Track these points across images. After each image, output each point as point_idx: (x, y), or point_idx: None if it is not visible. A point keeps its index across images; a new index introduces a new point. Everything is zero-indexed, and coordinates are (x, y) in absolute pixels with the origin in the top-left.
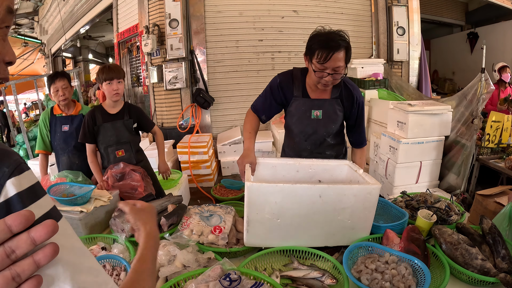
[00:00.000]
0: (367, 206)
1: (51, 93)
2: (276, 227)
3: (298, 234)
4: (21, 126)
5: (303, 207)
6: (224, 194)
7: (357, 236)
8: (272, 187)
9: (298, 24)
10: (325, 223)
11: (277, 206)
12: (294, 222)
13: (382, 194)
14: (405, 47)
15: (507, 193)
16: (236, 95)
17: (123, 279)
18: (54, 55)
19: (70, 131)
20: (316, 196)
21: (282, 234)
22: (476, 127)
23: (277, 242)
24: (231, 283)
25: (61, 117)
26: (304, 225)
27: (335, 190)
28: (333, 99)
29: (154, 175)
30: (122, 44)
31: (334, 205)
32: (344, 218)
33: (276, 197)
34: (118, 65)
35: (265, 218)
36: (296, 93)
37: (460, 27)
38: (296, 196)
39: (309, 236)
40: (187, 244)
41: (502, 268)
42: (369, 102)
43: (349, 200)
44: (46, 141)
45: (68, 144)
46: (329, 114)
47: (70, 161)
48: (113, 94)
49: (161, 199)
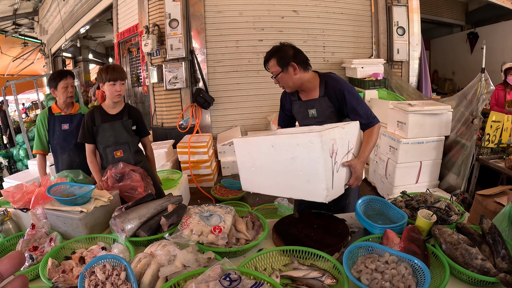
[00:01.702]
0: (312, 157)
1: (59, 89)
2: (253, 174)
3: (268, 181)
4: (21, 126)
5: (264, 157)
6: (224, 194)
7: (316, 192)
8: (243, 141)
9: (298, 24)
10: (283, 173)
11: (250, 156)
12: (262, 170)
13: (382, 194)
14: (405, 47)
15: (507, 193)
16: (236, 95)
17: (123, 279)
18: (54, 55)
19: (70, 130)
20: (269, 146)
21: (259, 181)
22: (476, 127)
23: (257, 187)
24: (231, 283)
25: (60, 116)
26: (269, 174)
27: (282, 139)
28: (321, 97)
29: (154, 176)
30: (122, 44)
31: (285, 155)
32: (296, 169)
33: (248, 149)
34: (120, 66)
35: (247, 167)
36: (293, 98)
37: (460, 27)
38: (257, 146)
39: (276, 185)
40: (187, 244)
41: (502, 268)
42: (369, 102)
43: (294, 150)
44: (44, 142)
45: (69, 142)
46: (322, 111)
47: (71, 159)
48: (115, 95)
49: (161, 199)
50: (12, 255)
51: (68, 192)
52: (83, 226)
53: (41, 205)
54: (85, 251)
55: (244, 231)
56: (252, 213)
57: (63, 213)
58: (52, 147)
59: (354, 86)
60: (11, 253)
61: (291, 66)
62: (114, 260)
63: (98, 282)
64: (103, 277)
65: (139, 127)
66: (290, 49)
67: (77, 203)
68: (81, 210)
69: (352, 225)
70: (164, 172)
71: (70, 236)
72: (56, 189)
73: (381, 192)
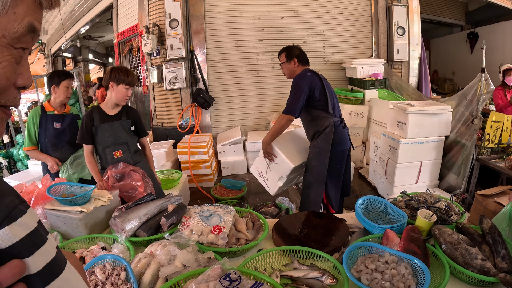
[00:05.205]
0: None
1: (61, 87)
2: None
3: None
4: (21, 126)
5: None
6: (224, 194)
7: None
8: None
9: (298, 24)
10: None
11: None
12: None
13: (382, 194)
14: (405, 47)
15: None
16: (236, 95)
17: (123, 279)
18: (54, 55)
19: (63, 128)
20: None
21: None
22: (476, 127)
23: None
24: (231, 283)
25: (53, 115)
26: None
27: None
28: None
29: (153, 176)
30: (122, 44)
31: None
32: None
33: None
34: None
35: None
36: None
37: (460, 27)
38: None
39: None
40: (187, 244)
41: (502, 268)
42: (369, 102)
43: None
44: (34, 139)
45: (61, 140)
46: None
47: (63, 156)
48: (125, 98)
49: (161, 199)
50: (12, 263)
51: (68, 192)
52: (83, 226)
53: (41, 205)
54: (85, 251)
55: (244, 231)
56: (252, 213)
57: (63, 213)
58: (42, 145)
59: (354, 86)
60: (12, 262)
61: (293, 60)
62: (114, 260)
63: (98, 282)
64: (103, 277)
65: (137, 127)
66: (296, 50)
67: (77, 203)
68: (81, 210)
69: (352, 225)
70: (164, 172)
71: (70, 236)
72: (56, 189)
73: (381, 192)
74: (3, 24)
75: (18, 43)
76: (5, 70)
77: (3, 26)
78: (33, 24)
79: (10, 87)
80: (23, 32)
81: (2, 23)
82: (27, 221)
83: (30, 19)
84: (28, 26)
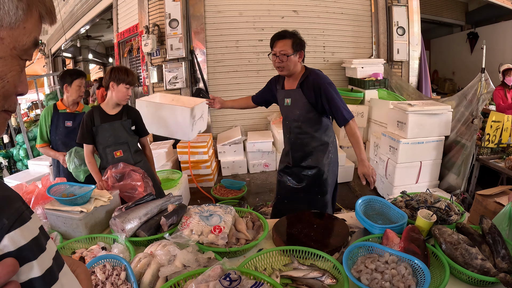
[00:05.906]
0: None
1: (73, 86)
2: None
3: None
4: (21, 126)
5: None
6: (224, 194)
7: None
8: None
9: (298, 24)
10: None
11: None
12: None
13: (382, 194)
14: (405, 47)
15: (507, 193)
16: (236, 95)
17: (123, 279)
18: (54, 55)
19: (73, 127)
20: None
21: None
22: (476, 127)
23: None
24: (231, 283)
25: (65, 113)
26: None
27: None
28: (296, 89)
29: (153, 175)
30: (122, 44)
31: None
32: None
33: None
34: None
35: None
36: (278, 87)
37: (460, 27)
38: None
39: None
40: (187, 244)
41: (502, 268)
42: (369, 102)
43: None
44: (45, 137)
45: (72, 138)
46: (295, 102)
47: None
48: (126, 98)
49: (161, 199)
50: (6, 262)
51: (68, 192)
52: (83, 226)
53: (41, 205)
54: (85, 251)
55: (244, 231)
56: (252, 213)
57: (63, 213)
58: (53, 143)
59: (354, 86)
60: (5, 260)
61: (300, 53)
62: (114, 260)
63: (98, 282)
64: (103, 277)
65: (138, 127)
66: (302, 40)
67: (77, 203)
68: (81, 210)
69: (352, 225)
70: (164, 172)
71: (70, 236)
72: (56, 189)
73: (381, 192)
74: (15, 36)
75: (24, 55)
76: (14, 79)
77: (14, 39)
78: (37, 38)
79: (13, 94)
80: (30, 45)
81: (14, 35)
82: (33, 224)
83: (36, 34)
84: (34, 40)
